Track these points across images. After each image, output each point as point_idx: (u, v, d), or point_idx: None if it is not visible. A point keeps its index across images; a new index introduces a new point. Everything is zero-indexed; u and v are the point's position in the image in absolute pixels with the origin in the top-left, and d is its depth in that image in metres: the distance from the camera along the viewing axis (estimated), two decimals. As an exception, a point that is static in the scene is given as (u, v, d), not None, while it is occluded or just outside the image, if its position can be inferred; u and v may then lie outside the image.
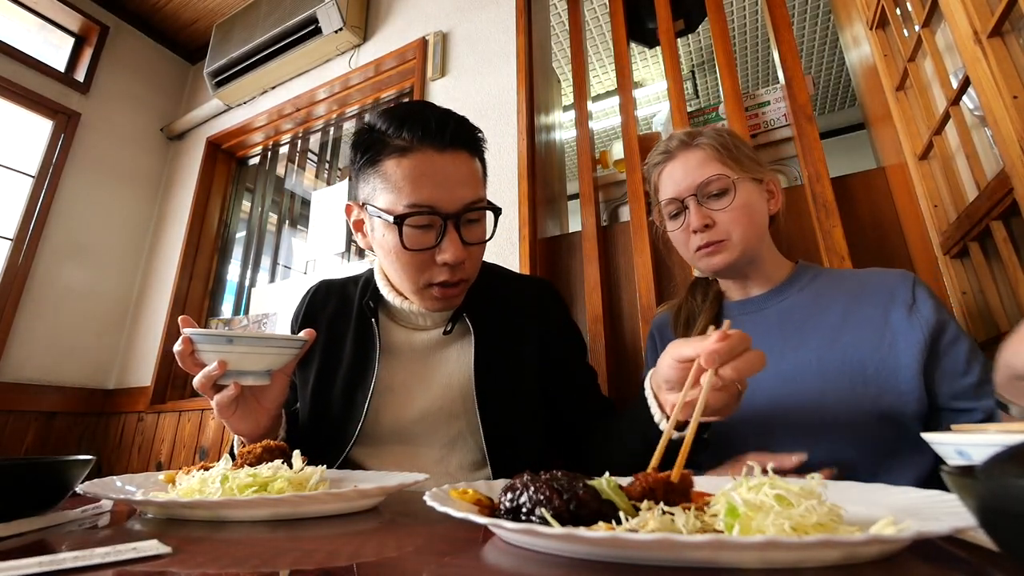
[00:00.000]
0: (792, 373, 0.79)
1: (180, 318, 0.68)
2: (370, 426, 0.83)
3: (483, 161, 0.82)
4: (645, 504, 0.37)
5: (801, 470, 0.55)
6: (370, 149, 0.76)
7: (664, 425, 0.60)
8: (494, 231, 0.79)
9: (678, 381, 0.56)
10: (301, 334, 0.71)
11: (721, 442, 0.82)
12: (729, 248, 0.82)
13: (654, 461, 0.46)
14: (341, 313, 0.93)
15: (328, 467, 0.82)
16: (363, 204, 0.78)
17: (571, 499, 0.36)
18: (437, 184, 0.72)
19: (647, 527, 0.33)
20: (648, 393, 0.64)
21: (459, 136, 0.74)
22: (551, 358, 0.88)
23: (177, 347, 0.65)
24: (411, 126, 0.72)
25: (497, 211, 0.78)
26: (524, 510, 0.37)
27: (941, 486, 0.50)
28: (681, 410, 0.50)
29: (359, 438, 0.82)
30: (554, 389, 0.89)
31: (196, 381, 0.67)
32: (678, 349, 0.55)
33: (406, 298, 0.85)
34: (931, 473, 0.69)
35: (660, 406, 0.63)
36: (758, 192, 0.85)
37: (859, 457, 0.71)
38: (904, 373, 0.73)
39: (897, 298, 0.77)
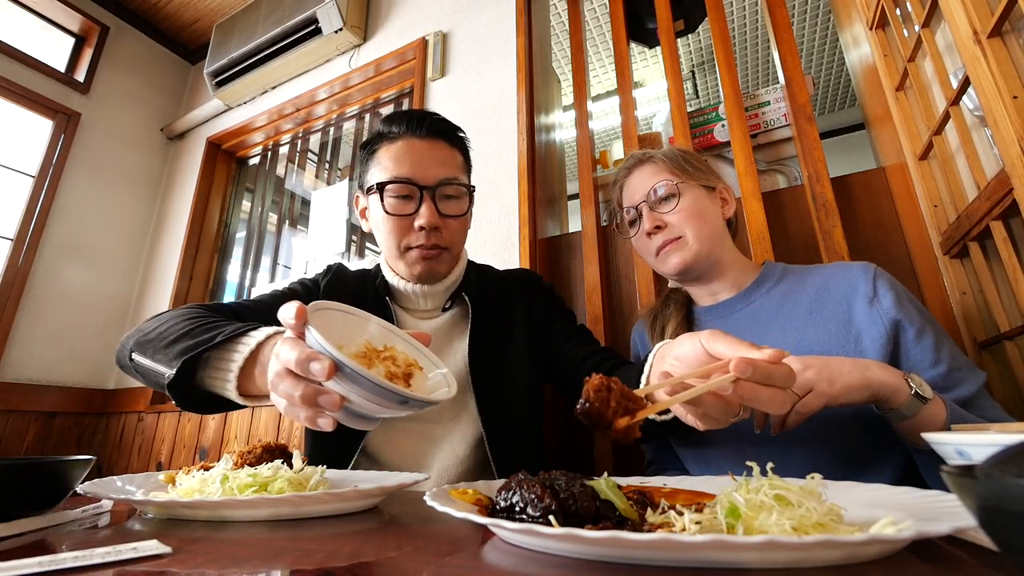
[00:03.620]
0: None
1: (298, 309, 0.47)
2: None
3: (465, 155, 0.95)
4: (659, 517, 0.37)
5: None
6: (370, 144, 0.92)
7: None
8: (469, 208, 0.92)
9: (692, 363, 0.48)
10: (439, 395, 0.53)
11: (694, 451, 0.84)
12: (685, 247, 0.85)
13: (633, 421, 0.42)
14: (358, 297, 0.97)
15: (346, 452, 0.85)
16: (364, 190, 0.92)
17: (567, 498, 0.36)
18: (415, 163, 0.86)
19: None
20: (650, 359, 0.59)
21: (436, 128, 0.90)
22: (539, 327, 0.97)
23: (317, 368, 0.44)
24: (399, 121, 0.90)
25: (471, 189, 0.91)
26: (517, 509, 0.37)
27: (917, 484, 0.51)
28: (672, 387, 0.44)
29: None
30: (552, 354, 0.95)
31: (304, 412, 0.47)
32: (715, 341, 0.47)
33: (408, 281, 0.93)
34: (906, 470, 0.70)
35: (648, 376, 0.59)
36: (708, 198, 0.89)
37: (836, 459, 0.71)
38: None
39: (858, 292, 0.77)
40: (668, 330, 0.91)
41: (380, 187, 0.86)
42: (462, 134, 0.95)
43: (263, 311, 0.86)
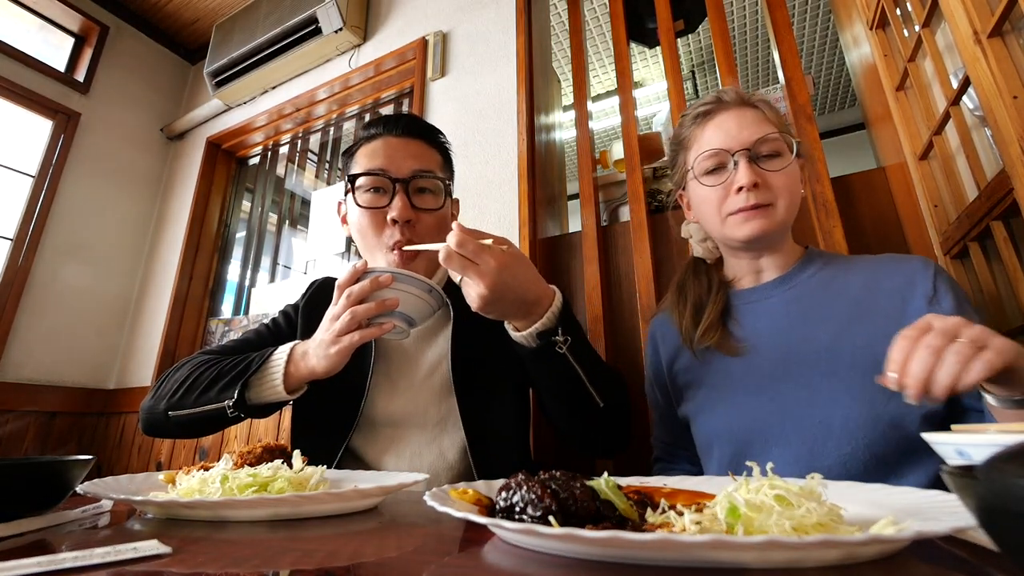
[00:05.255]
0: (798, 369, 0.73)
1: (362, 263, 0.72)
2: (367, 411, 0.89)
3: (446, 157, 0.95)
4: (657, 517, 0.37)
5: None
6: (350, 149, 0.93)
7: (511, 333, 0.72)
8: (446, 203, 0.89)
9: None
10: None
11: (724, 445, 0.79)
12: (771, 215, 0.76)
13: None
14: None
15: (330, 453, 0.85)
16: (344, 193, 0.92)
17: (567, 498, 0.36)
18: (389, 156, 0.86)
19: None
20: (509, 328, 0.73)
21: (413, 127, 0.90)
22: None
23: (384, 277, 0.69)
24: (377, 124, 0.91)
25: (446, 183, 0.90)
26: (517, 509, 0.37)
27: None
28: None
29: (360, 423, 0.88)
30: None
31: (361, 310, 0.70)
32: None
33: None
34: (936, 481, 0.65)
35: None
36: (799, 171, 0.80)
37: (867, 465, 0.66)
38: None
39: (917, 288, 0.71)
40: (708, 314, 0.82)
41: (352, 179, 0.85)
42: (443, 138, 0.95)
43: (253, 349, 0.88)
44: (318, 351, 0.74)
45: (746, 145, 0.76)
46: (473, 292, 0.64)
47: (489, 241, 0.63)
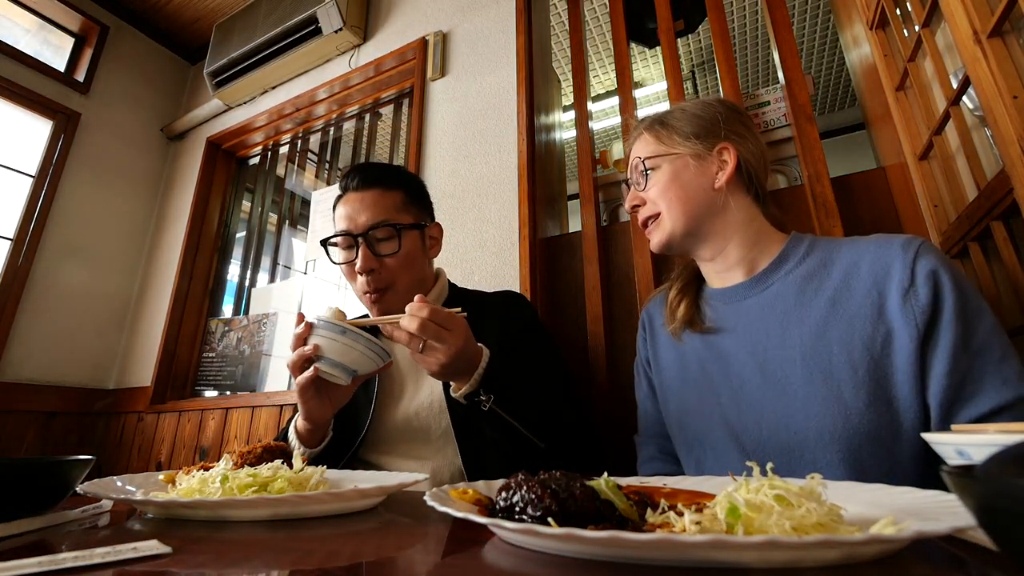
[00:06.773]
0: (778, 376, 0.69)
1: (298, 314, 0.80)
2: (375, 424, 0.96)
3: (410, 192, 0.99)
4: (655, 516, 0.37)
5: None
6: (334, 204, 0.99)
7: (452, 391, 0.78)
8: (399, 247, 0.93)
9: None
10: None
11: (702, 456, 0.78)
12: (660, 226, 0.81)
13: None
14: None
15: (338, 462, 0.89)
16: None
17: (567, 499, 0.36)
18: (349, 215, 0.94)
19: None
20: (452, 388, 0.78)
21: (367, 179, 0.96)
22: (509, 353, 0.94)
23: (297, 330, 0.77)
24: (343, 179, 0.98)
25: (398, 228, 0.93)
26: (517, 509, 0.37)
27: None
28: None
29: (367, 436, 0.94)
30: None
31: (290, 361, 0.77)
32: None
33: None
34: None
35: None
36: (695, 167, 0.79)
37: (845, 480, 0.64)
38: (898, 379, 0.62)
39: (892, 278, 0.63)
40: (679, 313, 0.83)
41: (323, 243, 0.96)
42: (402, 176, 1.00)
43: None
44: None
45: (628, 174, 0.85)
46: (438, 358, 0.71)
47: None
